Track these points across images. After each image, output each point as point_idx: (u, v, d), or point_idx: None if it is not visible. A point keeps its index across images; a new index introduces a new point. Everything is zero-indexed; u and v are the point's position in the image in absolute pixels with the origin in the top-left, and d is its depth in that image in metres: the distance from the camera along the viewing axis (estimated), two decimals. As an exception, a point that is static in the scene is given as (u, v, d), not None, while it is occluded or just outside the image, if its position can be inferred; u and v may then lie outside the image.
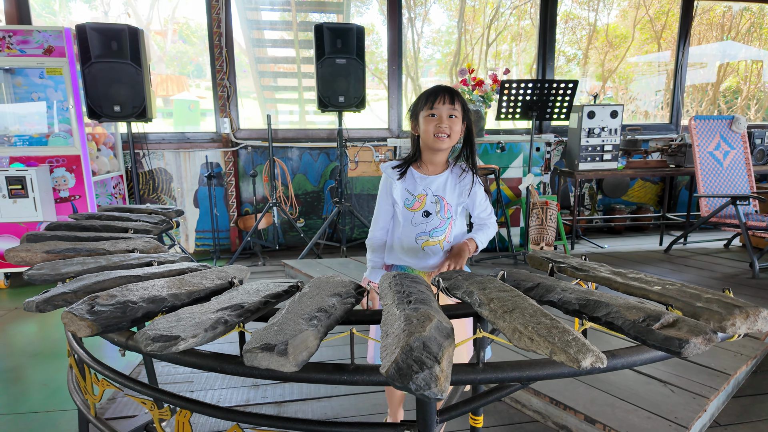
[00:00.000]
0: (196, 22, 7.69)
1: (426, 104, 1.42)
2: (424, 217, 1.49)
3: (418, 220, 1.49)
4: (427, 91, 1.46)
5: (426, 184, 1.49)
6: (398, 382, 0.64)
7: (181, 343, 0.74)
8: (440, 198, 1.49)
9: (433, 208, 1.49)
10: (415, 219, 1.49)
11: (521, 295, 0.90)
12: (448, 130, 1.41)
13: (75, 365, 1.13)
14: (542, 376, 0.77)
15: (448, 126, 1.40)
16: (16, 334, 2.77)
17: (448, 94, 1.41)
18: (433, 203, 1.48)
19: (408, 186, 1.50)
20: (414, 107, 1.49)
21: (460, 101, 1.43)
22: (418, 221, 1.49)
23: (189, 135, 4.30)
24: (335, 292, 0.98)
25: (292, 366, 0.68)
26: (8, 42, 3.21)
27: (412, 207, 1.50)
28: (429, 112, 1.41)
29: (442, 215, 1.49)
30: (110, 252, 1.29)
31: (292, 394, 2.02)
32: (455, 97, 1.42)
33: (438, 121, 1.40)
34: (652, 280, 0.99)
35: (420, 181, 1.49)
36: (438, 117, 1.41)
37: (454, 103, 1.41)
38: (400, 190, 1.50)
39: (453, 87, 1.49)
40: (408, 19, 6.76)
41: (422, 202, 1.48)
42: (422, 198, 1.49)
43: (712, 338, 0.72)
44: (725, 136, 3.88)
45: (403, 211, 1.51)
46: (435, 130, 1.40)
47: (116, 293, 0.90)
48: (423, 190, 1.49)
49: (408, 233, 1.51)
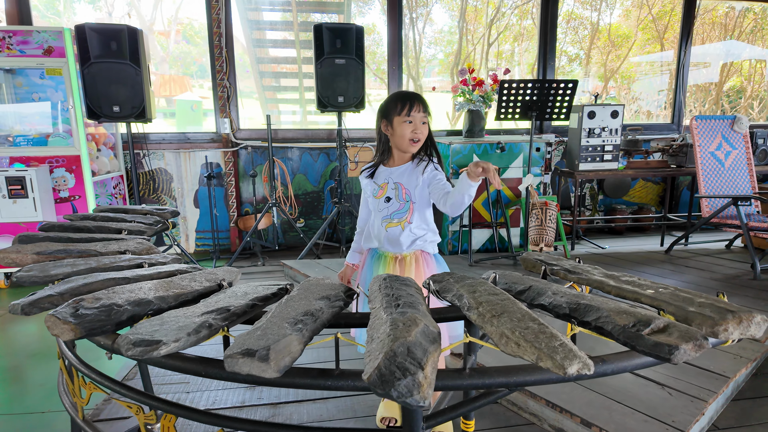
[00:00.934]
0: (199, 22, 7.70)
1: (402, 110, 1.59)
2: (386, 203, 1.69)
3: (382, 206, 1.70)
4: (400, 95, 1.64)
5: (388, 174, 1.70)
6: (380, 388, 0.63)
7: (163, 348, 0.73)
8: (398, 184, 1.68)
9: (393, 193, 1.68)
10: (380, 205, 1.70)
11: (510, 299, 0.89)
12: (421, 135, 1.62)
13: (64, 368, 1.12)
14: (529, 382, 0.76)
15: (421, 132, 1.61)
16: (14, 334, 2.77)
17: (421, 103, 1.60)
18: (393, 189, 1.68)
19: (375, 179, 1.72)
20: (385, 109, 1.64)
21: (427, 108, 1.64)
22: (382, 207, 1.69)
23: (189, 135, 4.30)
24: (324, 296, 0.97)
25: (273, 372, 0.67)
26: (8, 42, 3.21)
27: (377, 195, 1.71)
28: (406, 118, 1.59)
29: (401, 198, 1.67)
30: (101, 253, 1.29)
31: (288, 395, 2.02)
32: (425, 105, 1.63)
33: (414, 127, 1.60)
34: (645, 284, 0.98)
35: (384, 173, 1.71)
36: (414, 124, 1.60)
37: (425, 112, 1.61)
38: (369, 185, 1.74)
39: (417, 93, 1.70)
40: (410, 19, 6.76)
41: (384, 190, 1.69)
42: (384, 186, 1.69)
43: (703, 344, 0.71)
44: (727, 136, 3.85)
45: (372, 201, 1.73)
46: (411, 135, 1.60)
47: (102, 296, 0.89)
48: (385, 179, 1.70)
49: (376, 219, 1.72)
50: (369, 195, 1.75)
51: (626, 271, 3.42)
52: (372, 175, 1.73)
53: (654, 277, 3.25)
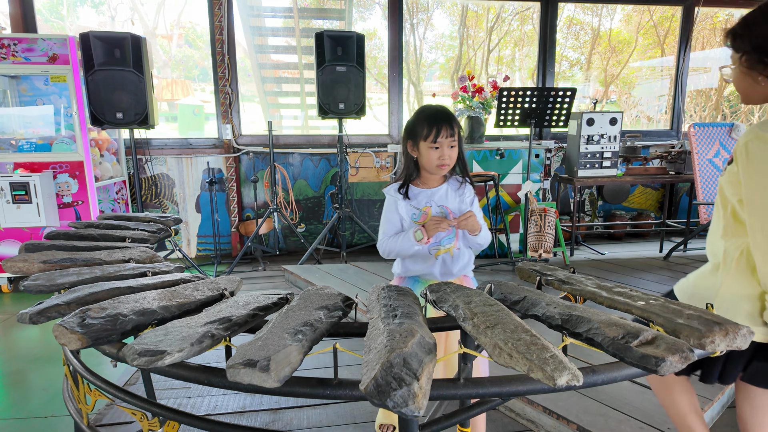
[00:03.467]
0: (201, 26, 7.77)
1: (429, 136, 1.49)
2: None
3: None
4: (426, 116, 1.52)
5: (428, 196, 1.59)
6: (376, 398, 0.66)
7: (167, 358, 0.75)
8: (444, 207, 1.58)
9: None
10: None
11: (505, 310, 0.91)
12: (449, 160, 1.52)
13: (69, 375, 1.15)
14: (522, 392, 0.78)
15: (449, 156, 1.52)
16: (17, 338, 2.80)
17: (449, 127, 1.49)
18: (439, 213, 1.57)
19: (413, 201, 1.59)
20: (412, 130, 1.54)
21: (456, 127, 1.52)
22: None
23: (191, 141, 4.34)
24: (322, 305, 0.99)
25: (273, 382, 0.70)
26: (13, 50, 3.26)
27: (419, 220, 1.58)
28: (432, 145, 1.50)
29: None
30: (106, 262, 1.31)
31: (288, 401, 2.04)
32: (454, 127, 1.51)
33: (440, 153, 1.50)
34: (636, 295, 1.00)
35: (423, 195, 1.59)
36: (441, 150, 1.50)
37: (454, 136, 1.50)
38: (405, 207, 1.59)
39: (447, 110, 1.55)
40: (410, 24, 6.80)
41: (428, 214, 1.57)
42: (428, 210, 1.57)
43: (689, 357, 0.73)
44: (725, 143, 3.88)
45: (412, 226, 1.57)
46: (438, 162, 1.51)
47: (107, 305, 0.92)
48: (427, 202, 1.58)
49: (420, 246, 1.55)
50: (407, 219, 1.60)
51: (625, 278, 3.44)
52: (407, 195, 1.60)
53: (652, 284, 3.27)
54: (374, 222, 4.64)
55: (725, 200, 1.25)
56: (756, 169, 1.11)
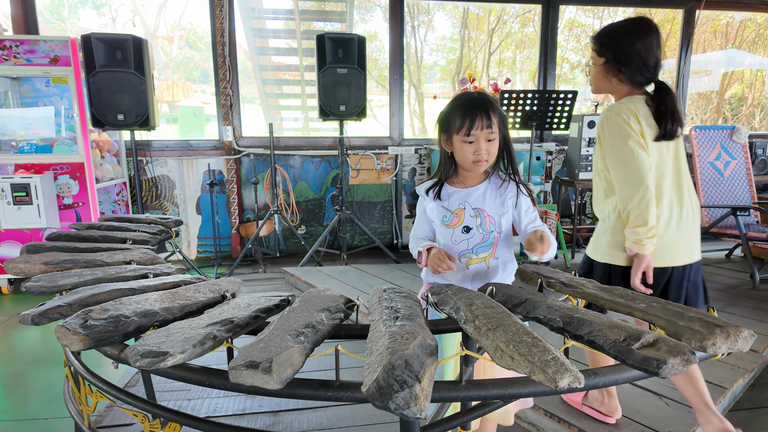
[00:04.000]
0: (202, 28, 7.79)
1: (462, 128, 1.29)
2: (465, 233, 1.38)
3: (459, 237, 1.38)
4: (460, 104, 1.33)
5: (463, 197, 1.39)
6: (378, 401, 0.66)
7: (170, 359, 0.75)
8: (480, 210, 1.37)
9: (473, 222, 1.37)
10: (455, 236, 1.38)
11: (506, 312, 0.91)
12: (486, 156, 1.32)
13: (70, 376, 1.15)
14: (523, 394, 0.78)
15: (487, 151, 1.31)
16: (17, 339, 2.79)
17: (485, 117, 1.29)
18: (473, 217, 1.37)
19: (444, 203, 1.40)
20: (445, 121, 1.36)
21: (496, 116, 1.31)
22: (459, 238, 1.38)
23: (192, 142, 4.34)
24: (324, 307, 1.00)
25: (275, 383, 0.70)
26: (15, 51, 3.26)
27: (450, 224, 1.39)
28: (466, 138, 1.30)
29: (484, 229, 1.37)
30: (107, 263, 1.32)
31: (289, 403, 2.04)
32: (492, 116, 1.30)
33: (475, 148, 1.31)
34: (637, 297, 1.00)
35: (456, 196, 1.39)
36: (476, 144, 1.30)
37: (492, 126, 1.30)
38: (435, 208, 1.40)
39: (486, 96, 1.35)
40: (411, 27, 6.81)
41: (461, 217, 1.38)
42: (460, 213, 1.38)
43: (690, 359, 0.73)
44: (726, 146, 3.88)
45: (442, 229, 1.40)
46: (474, 157, 1.32)
47: (109, 307, 0.92)
48: (461, 204, 1.38)
49: (450, 252, 1.37)
50: (437, 222, 1.41)
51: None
52: (438, 195, 1.40)
53: (653, 286, 3.27)
54: (375, 224, 4.64)
55: (599, 169, 1.60)
56: (611, 141, 1.50)
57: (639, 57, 1.50)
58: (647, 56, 1.50)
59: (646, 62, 1.51)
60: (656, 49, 1.51)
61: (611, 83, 1.57)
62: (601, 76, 1.58)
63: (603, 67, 1.56)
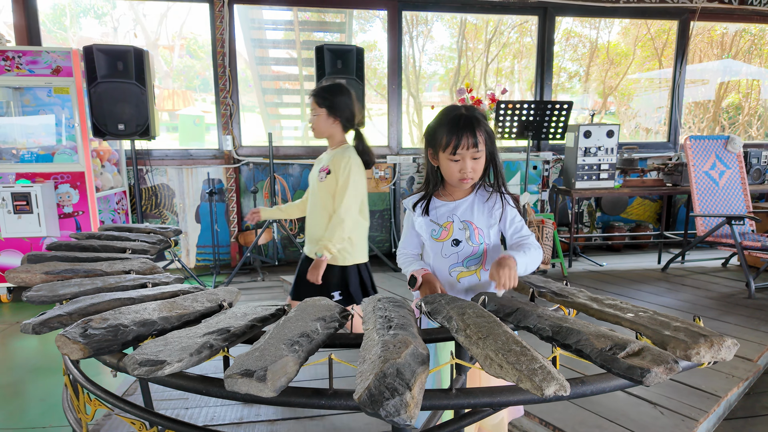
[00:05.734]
0: (203, 37, 7.85)
1: (448, 147, 1.29)
2: (454, 246, 1.38)
3: (448, 250, 1.38)
4: (449, 122, 1.31)
5: (451, 210, 1.39)
6: (369, 408, 0.68)
7: (167, 368, 0.77)
8: (468, 223, 1.37)
9: (462, 234, 1.37)
10: (445, 250, 1.38)
11: (497, 322, 0.93)
12: (472, 174, 1.32)
13: (69, 384, 1.17)
14: (512, 402, 0.80)
15: (473, 169, 1.32)
16: (16, 348, 2.80)
17: (471, 136, 1.27)
18: (461, 230, 1.37)
19: (432, 216, 1.40)
20: (431, 137, 1.36)
21: (483, 134, 1.30)
22: (449, 252, 1.37)
23: (192, 152, 4.37)
24: (319, 317, 1.02)
25: (270, 391, 0.72)
26: (18, 62, 3.30)
27: (439, 237, 1.39)
28: (451, 157, 1.30)
29: (473, 241, 1.37)
30: (107, 273, 1.34)
31: (285, 412, 2.05)
32: (478, 134, 1.28)
33: (461, 166, 1.31)
34: (626, 307, 1.02)
35: (444, 209, 1.40)
36: (461, 162, 1.30)
37: (477, 145, 1.29)
38: (424, 222, 1.41)
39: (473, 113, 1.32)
40: (410, 37, 6.88)
41: (449, 231, 1.38)
42: (449, 226, 1.38)
43: (674, 368, 0.76)
44: (721, 155, 3.91)
45: (431, 243, 1.40)
46: (459, 175, 1.32)
47: (109, 316, 0.94)
48: (449, 217, 1.38)
49: (440, 266, 1.39)
50: (425, 236, 1.41)
51: (623, 289, 3.45)
52: (426, 211, 1.41)
53: (650, 295, 3.28)
54: (373, 233, 4.66)
55: (326, 198, 2.01)
56: (345, 177, 1.96)
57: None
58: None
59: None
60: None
61: (330, 126, 2.05)
62: (322, 120, 2.03)
63: (324, 114, 2.02)
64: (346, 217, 1.94)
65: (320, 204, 2.04)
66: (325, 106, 1.99)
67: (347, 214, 1.94)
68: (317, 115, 2.01)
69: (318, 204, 2.05)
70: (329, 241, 1.92)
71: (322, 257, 1.94)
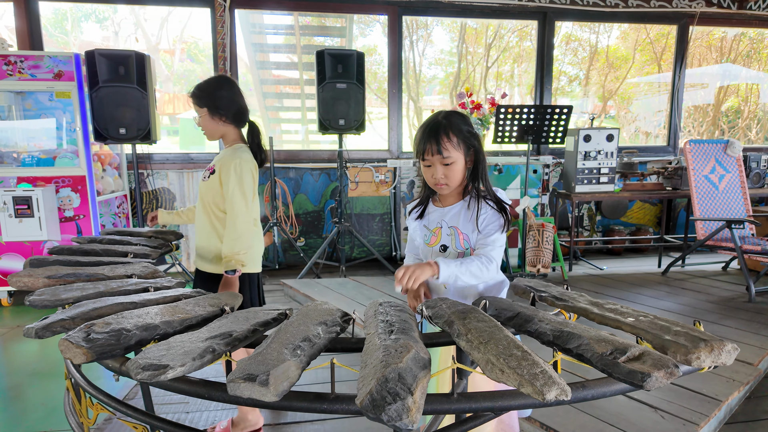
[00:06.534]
0: (204, 41, 7.89)
1: (419, 153, 1.34)
2: (442, 252, 1.39)
3: (437, 255, 1.39)
4: (421, 129, 1.34)
5: (441, 216, 1.41)
6: (371, 413, 0.68)
7: (170, 372, 0.78)
8: (454, 228, 1.38)
9: (449, 240, 1.39)
10: (434, 255, 1.39)
11: (498, 326, 0.93)
12: (444, 180, 1.33)
13: (71, 388, 1.17)
14: (514, 406, 0.80)
15: (444, 175, 1.32)
16: (16, 352, 2.80)
17: (435, 143, 1.29)
18: (449, 235, 1.39)
19: (425, 221, 1.43)
20: (416, 146, 1.38)
21: (451, 140, 1.30)
22: (437, 257, 1.36)
23: (192, 155, 4.38)
24: (321, 321, 1.02)
25: (272, 396, 0.72)
26: (20, 67, 3.32)
27: (429, 242, 1.41)
28: (424, 163, 1.34)
29: (459, 247, 1.37)
30: (109, 277, 1.34)
31: (287, 416, 2.05)
32: (443, 141, 1.29)
33: (433, 171, 1.33)
34: (627, 312, 1.03)
35: (435, 214, 1.42)
36: (433, 168, 1.33)
37: (442, 152, 1.29)
38: (418, 227, 1.44)
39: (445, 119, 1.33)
40: (410, 41, 6.91)
41: (438, 236, 1.40)
42: (438, 231, 1.40)
43: (674, 372, 0.76)
44: (720, 159, 3.92)
45: (424, 248, 1.43)
46: (433, 180, 1.35)
47: (111, 321, 0.94)
48: (438, 223, 1.40)
49: None
50: (420, 241, 1.44)
51: (623, 293, 3.44)
52: (421, 216, 1.44)
53: (650, 299, 3.28)
54: (373, 236, 4.67)
55: (208, 199, 1.83)
56: (230, 179, 1.76)
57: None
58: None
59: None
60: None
61: (219, 126, 1.85)
62: (209, 121, 1.83)
63: (208, 115, 1.82)
64: (238, 224, 1.75)
65: (201, 207, 1.86)
66: (206, 106, 1.78)
67: (240, 219, 1.75)
68: (201, 116, 1.82)
69: (200, 208, 1.88)
70: (225, 251, 1.73)
71: (235, 273, 1.75)
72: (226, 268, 1.74)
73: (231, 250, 1.73)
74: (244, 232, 1.75)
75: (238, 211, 1.75)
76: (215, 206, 1.82)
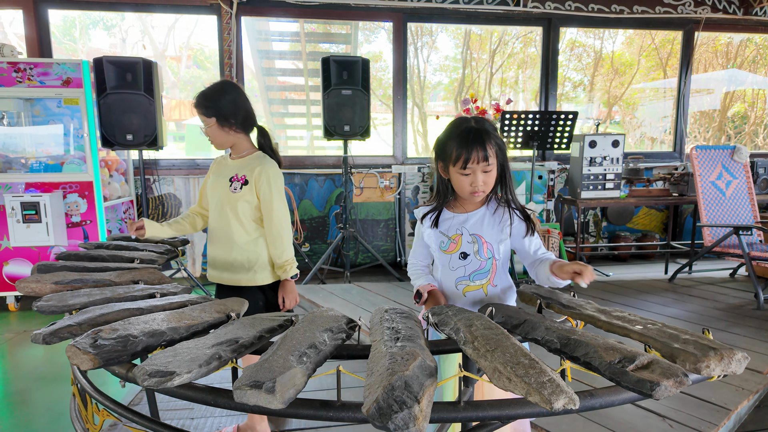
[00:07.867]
0: (210, 48, 7.95)
1: (458, 161, 1.27)
2: (462, 260, 1.35)
3: (456, 263, 1.36)
4: (459, 135, 1.28)
5: (460, 222, 1.37)
6: (378, 421, 0.68)
7: (176, 379, 0.78)
8: (477, 236, 1.35)
9: (471, 248, 1.35)
10: (453, 262, 1.36)
11: (505, 334, 0.93)
12: (483, 187, 1.30)
13: (78, 394, 1.17)
14: (521, 415, 0.80)
15: (484, 182, 1.29)
16: (23, 357, 2.81)
17: (482, 149, 1.26)
18: (470, 243, 1.35)
19: (442, 228, 1.38)
20: (441, 150, 1.33)
21: (493, 146, 1.28)
22: (456, 264, 1.35)
23: (198, 161, 4.41)
24: (327, 328, 1.02)
25: (278, 403, 0.72)
26: (29, 74, 3.35)
27: (447, 249, 1.37)
28: (462, 171, 1.28)
29: (482, 255, 1.34)
30: (116, 283, 1.35)
31: (291, 422, 2.04)
32: (488, 147, 1.26)
33: (472, 180, 1.29)
34: (634, 319, 1.02)
35: (454, 221, 1.37)
36: (472, 176, 1.28)
37: (488, 158, 1.27)
38: (433, 234, 1.39)
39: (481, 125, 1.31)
40: (415, 48, 6.93)
41: (458, 243, 1.35)
42: (458, 239, 1.36)
43: (683, 381, 0.75)
44: (727, 165, 3.90)
45: (440, 255, 1.39)
46: (470, 189, 1.30)
47: (118, 327, 0.95)
48: (458, 230, 1.36)
49: (447, 278, 1.38)
50: (434, 247, 1.40)
51: (629, 299, 3.41)
52: (436, 223, 1.39)
53: (657, 306, 3.26)
54: (378, 242, 4.66)
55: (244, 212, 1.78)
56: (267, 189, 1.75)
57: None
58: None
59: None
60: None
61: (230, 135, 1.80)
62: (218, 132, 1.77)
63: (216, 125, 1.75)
64: (284, 231, 1.77)
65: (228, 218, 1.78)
66: (214, 115, 1.72)
67: (285, 227, 1.78)
68: (209, 126, 1.74)
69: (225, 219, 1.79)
70: (281, 260, 1.77)
71: (294, 277, 1.81)
72: (288, 275, 1.80)
73: (288, 256, 1.78)
74: (289, 238, 1.82)
75: (283, 219, 1.78)
76: (249, 217, 1.78)
